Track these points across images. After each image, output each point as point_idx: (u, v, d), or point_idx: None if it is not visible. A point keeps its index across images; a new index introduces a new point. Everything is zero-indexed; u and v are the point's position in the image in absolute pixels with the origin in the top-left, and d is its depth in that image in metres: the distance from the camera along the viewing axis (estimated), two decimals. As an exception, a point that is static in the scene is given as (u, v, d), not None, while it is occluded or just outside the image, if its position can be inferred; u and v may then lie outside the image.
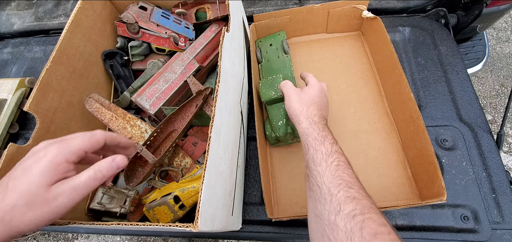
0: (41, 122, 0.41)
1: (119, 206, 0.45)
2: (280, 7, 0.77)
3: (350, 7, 0.62)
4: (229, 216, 0.42)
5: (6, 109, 0.63)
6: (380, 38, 0.58)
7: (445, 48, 0.64)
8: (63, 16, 0.85)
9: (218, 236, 0.56)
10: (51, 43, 0.80)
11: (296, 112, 0.43)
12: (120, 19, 0.57)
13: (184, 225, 0.29)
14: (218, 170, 0.35)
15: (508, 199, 0.48)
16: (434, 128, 0.55)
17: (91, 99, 0.51)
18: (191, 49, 0.56)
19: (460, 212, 0.47)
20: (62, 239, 1.33)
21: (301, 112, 0.43)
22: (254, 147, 0.58)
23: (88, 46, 0.52)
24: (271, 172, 0.55)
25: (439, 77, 0.61)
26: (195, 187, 0.45)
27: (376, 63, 0.63)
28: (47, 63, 0.43)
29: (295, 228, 0.49)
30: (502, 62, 1.47)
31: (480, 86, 1.42)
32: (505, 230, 0.46)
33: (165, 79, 0.53)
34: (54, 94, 0.44)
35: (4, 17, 0.89)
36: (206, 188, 0.30)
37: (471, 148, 0.53)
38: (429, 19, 0.70)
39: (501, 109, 1.35)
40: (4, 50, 0.82)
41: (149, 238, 1.30)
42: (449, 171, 0.51)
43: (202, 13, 0.63)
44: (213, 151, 0.33)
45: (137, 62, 0.61)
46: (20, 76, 0.73)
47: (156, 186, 0.48)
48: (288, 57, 0.62)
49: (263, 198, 0.45)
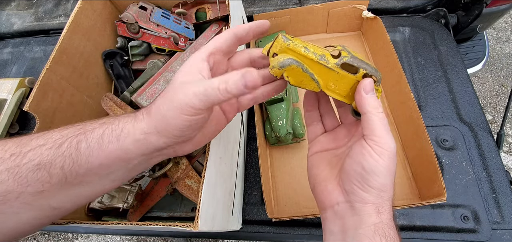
0: (41, 122, 0.41)
1: (122, 201, 0.45)
2: (280, 7, 0.77)
3: (350, 7, 0.62)
4: (229, 216, 0.42)
5: (6, 109, 0.63)
6: (380, 38, 0.58)
7: (445, 48, 0.64)
8: (63, 16, 0.85)
9: (218, 236, 0.56)
10: (51, 43, 0.80)
11: (380, 190, 0.25)
12: (120, 19, 0.57)
13: (184, 225, 0.29)
14: (218, 170, 0.35)
15: (508, 199, 0.48)
16: (434, 128, 0.55)
17: (106, 98, 0.53)
18: (191, 49, 0.56)
19: (460, 212, 0.47)
20: (62, 239, 1.33)
21: (387, 197, 0.25)
22: (254, 147, 0.58)
23: (88, 46, 0.52)
24: (271, 172, 0.55)
25: (439, 77, 0.61)
26: None
27: (376, 63, 0.63)
28: (47, 63, 0.43)
29: (295, 228, 0.49)
30: (502, 62, 1.47)
31: (480, 86, 1.42)
32: (505, 230, 0.46)
33: (165, 79, 0.53)
34: (54, 94, 0.44)
35: (4, 17, 0.89)
36: (206, 188, 0.30)
37: (471, 148, 0.53)
38: (429, 19, 0.70)
39: (501, 109, 1.35)
40: (4, 50, 0.82)
41: (149, 238, 1.30)
42: (449, 171, 0.51)
43: (202, 13, 0.63)
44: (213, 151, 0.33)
45: (137, 62, 0.61)
46: (20, 76, 0.73)
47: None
48: (288, 57, 0.62)
49: (263, 198, 0.45)
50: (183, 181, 0.46)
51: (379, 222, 0.24)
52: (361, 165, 0.25)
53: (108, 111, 0.53)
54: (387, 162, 0.24)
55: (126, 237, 1.30)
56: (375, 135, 0.25)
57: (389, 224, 0.25)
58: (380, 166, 0.24)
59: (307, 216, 0.43)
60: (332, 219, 0.28)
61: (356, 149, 0.26)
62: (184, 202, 0.50)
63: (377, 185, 0.25)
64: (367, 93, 0.25)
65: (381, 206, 0.25)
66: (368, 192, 0.25)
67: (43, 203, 0.23)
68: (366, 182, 0.25)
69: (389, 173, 0.25)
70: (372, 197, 0.25)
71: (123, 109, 0.53)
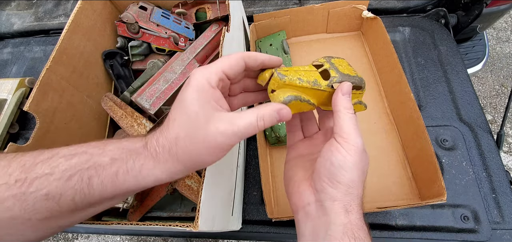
0: (41, 122, 0.41)
1: (122, 201, 0.45)
2: (280, 7, 0.77)
3: (350, 7, 0.62)
4: (229, 216, 0.42)
5: (6, 109, 0.63)
6: (380, 38, 0.58)
7: (445, 48, 0.64)
8: (63, 16, 0.85)
9: (218, 236, 0.56)
10: (51, 43, 0.80)
11: (348, 185, 0.25)
12: (120, 19, 0.57)
13: (184, 225, 0.29)
14: (218, 170, 0.35)
15: (508, 199, 0.48)
16: (434, 128, 0.55)
17: (106, 98, 0.53)
18: (191, 49, 0.56)
19: (460, 212, 0.47)
20: (62, 239, 1.33)
21: (356, 194, 0.26)
22: (254, 147, 0.58)
23: (88, 46, 0.52)
24: (271, 172, 0.55)
25: (439, 77, 0.61)
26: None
27: (376, 63, 0.63)
28: (47, 63, 0.43)
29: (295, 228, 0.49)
30: (502, 62, 1.47)
31: (480, 86, 1.42)
32: (505, 230, 0.46)
33: (165, 79, 0.53)
34: (54, 94, 0.44)
35: (4, 17, 0.89)
36: (206, 188, 0.30)
37: (471, 148, 0.53)
38: (429, 19, 0.70)
39: (501, 109, 1.35)
40: (4, 50, 0.82)
41: (149, 238, 1.30)
42: (449, 171, 0.51)
43: (202, 13, 0.63)
44: (213, 151, 0.33)
45: (137, 62, 0.61)
46: (20, 76, 0.73)
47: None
48: (288, 57, 0.62)
49: (263, 198, 0.45)
50: (183, 181, 0.46)
51: (348, 223, 0.25)
52: (330, 160, 0.26)
53: (108, 112, 0.53)
54: (354, 158, 0.25)
55: (126, 237, 1.30)
56: (343, 131, 0.26)
57: (358, 225, 0.25)
58: (348, 161, 0.25)
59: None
60: (304, 221, 0.28)
61: (326, 147, 0.27)
62: (184, 202, 0.50)
63: (345, 180, 0.25)
64: (343, 95, 0.27)
65: (350, 205, 0.25)
66: (336, 188, 0.25)
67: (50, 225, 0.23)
68: (335, 177, 0.25)
69: (356, 168, 0.25)
70: (340, 193, 0.25)
71: (123, 109, 0.53)
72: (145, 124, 0.51)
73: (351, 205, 0.25)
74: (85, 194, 0.22)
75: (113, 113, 0.53)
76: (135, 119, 0.52)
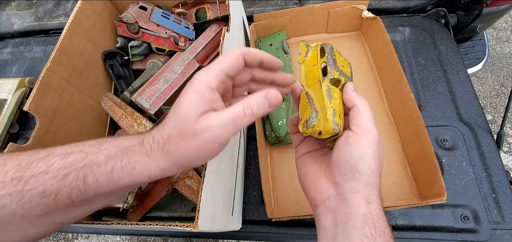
0: (41, 122, 0.41)
1: (122, 201, 0.45)
2: (280, 7, 0.77)
3: (350, 7, 0.62)
4: (229, 216, 0.42)
5: (6, 109, 0.63)
6: (380, 38, 0.58)
7: (445, 48, 0.64)
8: (63, 16, 0.85)
9: (218, 236, 0.56)
10: (51, 43, 0.80)
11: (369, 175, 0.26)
12: (120, 19, 0.57)
13: (184, 225, 0.29)
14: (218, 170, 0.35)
15: (508, 199, 0.48)
16: (434, 128, 0.55)
17: (106, 98, 0.53)
18: (191, 49, 0.56)
19: (460, 212, 0.47)
20: (62, 239, 1.33)
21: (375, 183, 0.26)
22: (254, 147, 0.58)
23: (88, 46, 0.52)
24: (271, 172, 0.55)
25: (439, 77, 0.61)
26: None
27: (376, 63, 0.63)
28: (47, 63, 0.43)
29: (295, 228, 0.49)
30: (502, 62, 1.47)
31: (480, 86, 1.42)
32: (505, 230, 0.46)
33: (165, 79, 0.53)
34: (54, 94, 0.44)
35: (4, 17, 0.89)
36: (206, 188, 0.30)
37: (471, 148, 0.53)
38: (429, 19, 0.70)
39: (501, 109, 1.35)
40: (4, 50, 0.82)
41: (149, 238, 1.30)
42: (449, 171, 0.51)
43: (202, 13, 0.63)
44: (213, 151, 0.33)
45: (137, 62, 0.61)
46: (20, 76, 0.73)
47: None
48: (288, 58, 0.62)
49: (263, 198, 0.45)
50: (183, 181, 0.46)
51: (369, 212, 0.25)
52: (350, 153, 0.26)
53: (108, 111, 0.53)
54: (373, 148, 0.26)
55: (126, 237, 1.30)
56: (362, 123, 0.27)
57: (378, 214, 0.25)
58: (367, 152, 0.26)
59: (307, 216, 0.43)
60: (324, 214, 0.28)
61: (342, 141, 0.27)
62: (184, 202, 0.50)
63: (365, 170, 0.26)
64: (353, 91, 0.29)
65: (370, 195, 0.26)
66: (357, 179, 0.26)
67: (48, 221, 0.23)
68: (356, 168, 0.26)
69: (375, 158, 0.26)
70: (361, 185, 0.26)
71: (123, 109, 0.53)
72: (145, 124, 0.51)
73: (372, 195, 0.26)
74: (81, 191, 0.23)
75: (113, 113, 0.53)
76: (135, 120, 0.52)
